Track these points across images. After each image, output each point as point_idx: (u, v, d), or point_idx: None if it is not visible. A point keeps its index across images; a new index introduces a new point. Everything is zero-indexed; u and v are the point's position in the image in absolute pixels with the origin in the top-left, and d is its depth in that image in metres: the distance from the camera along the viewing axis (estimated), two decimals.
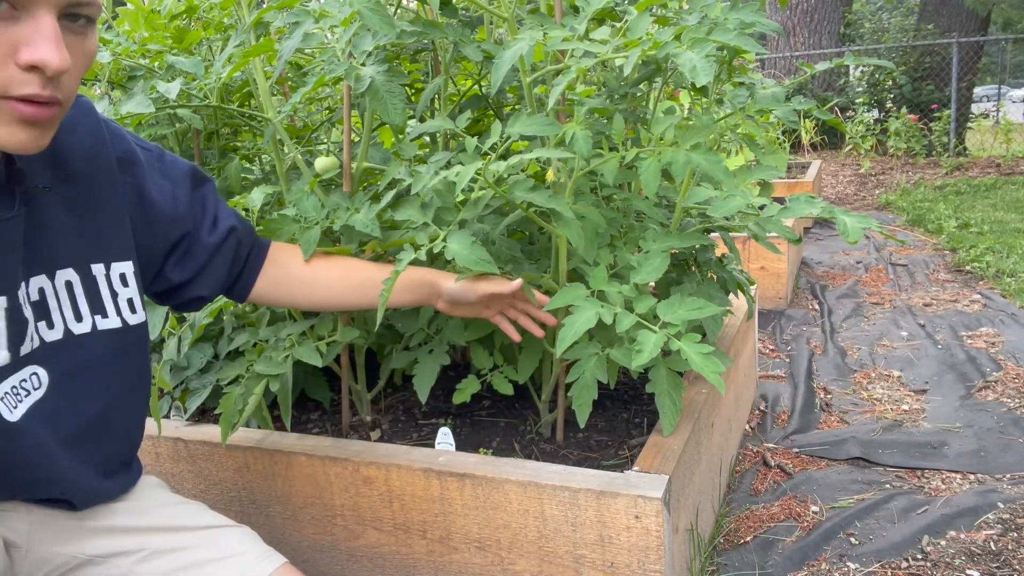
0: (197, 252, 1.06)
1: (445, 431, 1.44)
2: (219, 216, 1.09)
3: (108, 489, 0.97)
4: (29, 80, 0.70)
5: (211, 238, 1.07)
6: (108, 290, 0.92)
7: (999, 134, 8.28)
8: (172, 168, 1.04)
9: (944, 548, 1.49)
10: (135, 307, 0.95)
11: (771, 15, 9.19)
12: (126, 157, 0.96)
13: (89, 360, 0.90)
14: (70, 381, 0.88)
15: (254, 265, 1.16)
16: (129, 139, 0.99)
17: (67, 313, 0.88)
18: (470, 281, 1.20)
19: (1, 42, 0.69)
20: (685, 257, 1.52)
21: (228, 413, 1.31)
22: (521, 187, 1.18)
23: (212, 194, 1.09)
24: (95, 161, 0.92)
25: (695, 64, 0.99)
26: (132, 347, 0.95)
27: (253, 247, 1.16)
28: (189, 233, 1.05)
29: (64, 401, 0.88)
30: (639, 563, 1.14)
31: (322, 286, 1.21)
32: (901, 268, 3.87)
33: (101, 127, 0.94)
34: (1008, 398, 2.20)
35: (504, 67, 1.13)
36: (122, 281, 0.94)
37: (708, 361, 1.10)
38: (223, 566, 0.93)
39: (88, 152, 0.91)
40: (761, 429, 2.12)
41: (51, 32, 0.70)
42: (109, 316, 0.92)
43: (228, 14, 1.67)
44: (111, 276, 0.93)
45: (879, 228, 1.19)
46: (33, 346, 0.84)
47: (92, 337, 0.90)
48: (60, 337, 0.87)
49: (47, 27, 0.70)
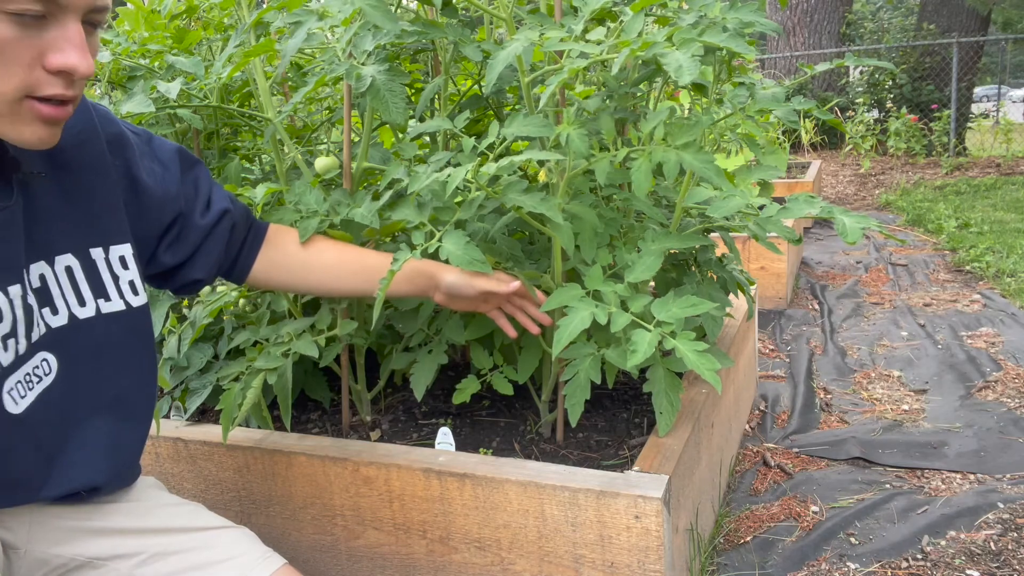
0: (190, 234, 1.06)
1: (445, 431, 1.44)
2: (212, 197, 1.09)
3: (123, 476, 0.97)
4: (54, 82, 0.74)
5: (204, 220, 1.07)
6: (109, 273, 0.93)
7: (999, 134, 8.29)
8: (161, 150, 1.04)
9: (944, 548, 1.49)
10: (137, 289, 0.95)
11: (771, 15, 9.19)
12: (115, 139, 0.97)
13: (98, 344, 0.91)
14: (80, 365, 0.89)
15: (251, 247, 1.16)
16: (118, 122, 0.99)
17: (70, 298, 0.89)
18: (469, 276, 1.20)
19: (30, 46, 0.72)
20: (685, 257, 1.52)
21: (228, 409, 1.31)
22: (514, 189, 1.18)
23: (205, 176, 1.10)
24: (86, 147, 0.92)
25: (681, 63, 0.99)
26: (139, 329, 0.96)
27: (250, 229, 1.16)
28: (182, 214, 1.05)
29: (75, 385, 0.88)
30: (639, 563, 1.14)
31: (321, 270, 1.20)
32: (901, 268, 3.87)
33: (91, 113, 0.94)
34: (1008, 398, 2.20)
35: (498, 68, 1.13)
36: (122, 263, 0.94)
37: (704, 359, 1.10)
38: (222, 568, 0.93)
39: (79, 138, 0.92)
40: (761, 429, 2.12)
41: (79, 38, 0.74)
42: (112, 299, 0.92)
43: (228, 14, 1.67)
44: (110, 259, 0.93)
45: (879, 228, 1.19)
46: (40, 332, 0.85)
47: (97, 320, 0.91)
48: (65, 322, 0.88)
49: (75, 34, 0.74)
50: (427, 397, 1.69)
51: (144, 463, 1.51)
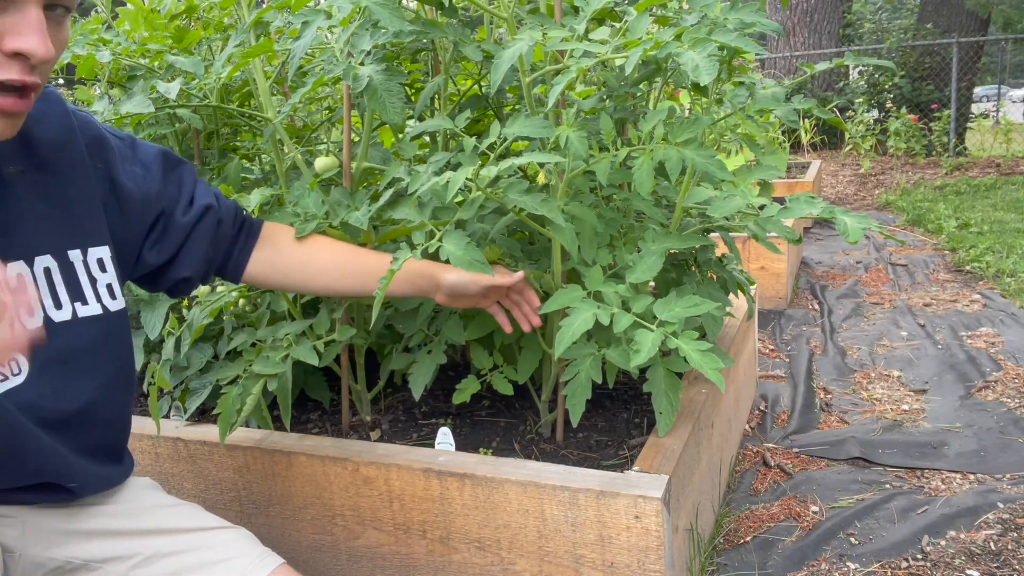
0: (174, 232, 1.06)
1: (445, 431, 1.44)
2: (196, 195, 1.08)
3: (104, 476, 0.97)
4: (11, 66, 0.73)
5: (186, 217, 1.06)
6: (87, 276, 0.92)
7: (999, 134, 8.29)
8: (143, 153, 1.04)
9: (944, 548, 1.49)
10: (114, 293, 0.95)
11: (771, 15, 9.19)
12: (95, 142, 0.96)
13: (72, 348, 0.89)
14: (52, 369, 0.87)
15: (244, 244, 1.15)
16: (98, 125, 0.99)
17: (46, 300, 0.88)
18: (470, 273, 1.19)
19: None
20: (685, 257, 1.52)
21: (226, 413, 1.31)
22: (514, 190, 1.17)
23: (189, 175, 1.09)
24: (65, 149, 0.92)
25: (698, 63, 0.99)
26: (115, 334, 0.95)
27: (242, 226, 1.15)
28: (163, 213, 1.04)
29: (46, 389, 0.87)
30: (639, 563, 1.14)
31: (319, 271, 1.19)
32: (901, 268, 3.87)
33: (70, 117, 0.94)
34: (1008, 398, 2.20)
35: (503, 68, 1.13)
36: (100, 266, 0.94)
37: (707, 358, 1.10)
38: (220, 569, 0.93)
39: (57, 141, 0.91)
40: (761, 429, 2.12)
41: (38, 22, 0.73)
42: (89, 303, 0.91)
43: (228, 14, 1.67)
44: (88, 262, 0.92)
45: (879, 228, 1.19)
46: None
47: (73, 324, 0.89)
48: (40, 325, 0.86)
49: (34, 17, 0.73)
50: (427, 397, 1.69)
51: (144, 463, 1.51)
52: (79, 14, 2.53)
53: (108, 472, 0.98)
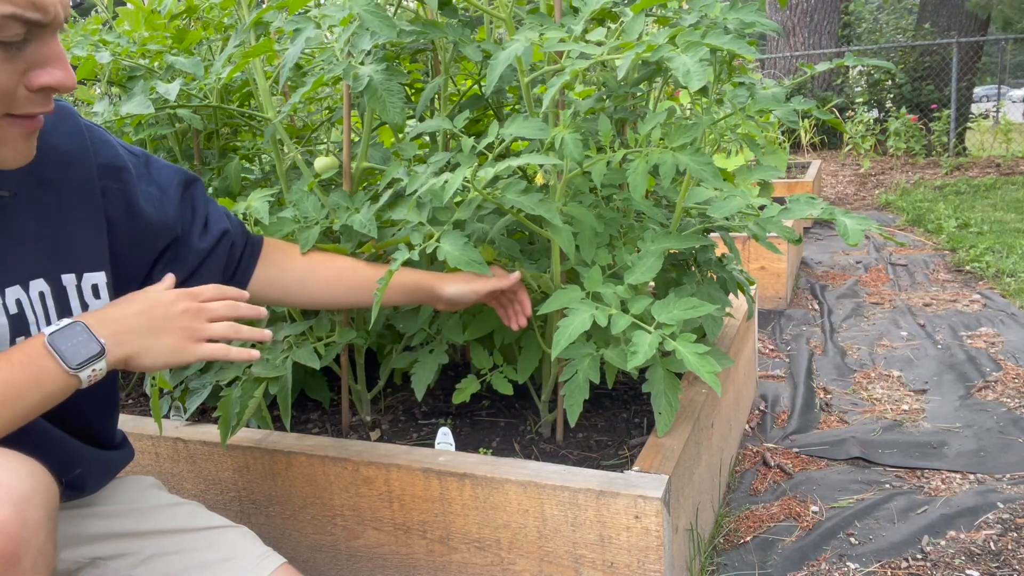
0: (188, 256, 1.04)
1: (445, 431, 1.44)
2: (210, 218, 1.07)
3: (105, 460, 0.97)
4: (35, 100, 0.72)
5: (203, 243, 1.05)
6: (78, 301, 0.90)
7: (999, 134, 8.28)
8: (160, 173, 1.02)
9: (944, 548, 1.49)
10: None
11: (771, 15, 9.19)
12: (112, 164, 0.94)
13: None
14: None
15: (248, 263, 1.15)
16: (115, 145, 0.97)
17: (42, 326, 0.85)
18: (469, 283, 1.20)
19: (12, 70, 0.69)
20: (685, 257, 1.52)
21: (226, 417, 1.31)
22: (512, 190, 1.17)
23: (201, 195, 1.08)
24: (72, 168, 0.89)
25: (688, 68, 0.98)
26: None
27: (246, 246, 1.15)
28: (178, 238, 1.03)
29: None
30: (639, 563, 1.14)
31: (317, 285, 1.20)
32: (901, 268, 3.87)
33: (83, 134, 0.91)
34: (1008, 398, 2.20)
35: (499, 69, 1.13)
36: (94, 293, 0.91)
37: (703, 361, 1.10)
38: (221, 568, 0.93)
39: (65, 158, 0.89)
40: (761, 429, 2.12)
41: (62, 54, 0.72)
42: None
43: (228, 14, 1.67)
44: (82, 287, 0.90)
45: (879, 229, 1.19)
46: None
47: None
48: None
49: (58, 49, 0.71)
50: (427, 397, 1.69)
51: (144, 463, 1.51)
52: (79, 14, 2.53)
53: (109, 457, 0.98)
